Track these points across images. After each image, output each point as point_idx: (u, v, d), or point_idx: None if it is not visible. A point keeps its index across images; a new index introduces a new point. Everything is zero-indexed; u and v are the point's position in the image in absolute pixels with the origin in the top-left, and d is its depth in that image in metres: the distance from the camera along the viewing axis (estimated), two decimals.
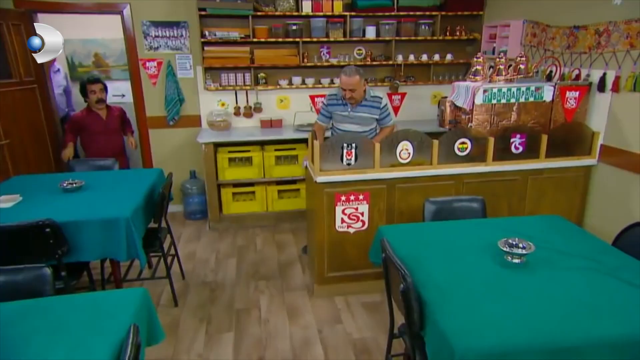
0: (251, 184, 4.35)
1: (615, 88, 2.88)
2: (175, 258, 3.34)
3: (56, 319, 1.47)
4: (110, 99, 5.41)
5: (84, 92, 3.94)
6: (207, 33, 4.28)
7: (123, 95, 5.78)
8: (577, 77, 3.14)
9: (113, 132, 4.09)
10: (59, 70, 4.91)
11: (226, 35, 4.29)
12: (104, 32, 5.74)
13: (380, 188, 2.91)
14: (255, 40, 4.30)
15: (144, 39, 4.41)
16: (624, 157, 2.87)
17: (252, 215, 4.39)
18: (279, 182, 4.41)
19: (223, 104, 4.63)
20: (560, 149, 3.00)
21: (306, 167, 3.17)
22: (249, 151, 4.27)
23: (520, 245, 1.86)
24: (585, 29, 3.11)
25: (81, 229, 2.44)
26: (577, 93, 3.02)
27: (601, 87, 2.97)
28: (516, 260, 1.85)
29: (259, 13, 4.24)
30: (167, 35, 4.46)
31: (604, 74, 2.95)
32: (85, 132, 3.99)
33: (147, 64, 4.48)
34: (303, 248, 3.81)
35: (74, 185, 2.88)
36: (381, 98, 3.32)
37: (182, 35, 4.46)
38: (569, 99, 3.03)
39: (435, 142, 2.87)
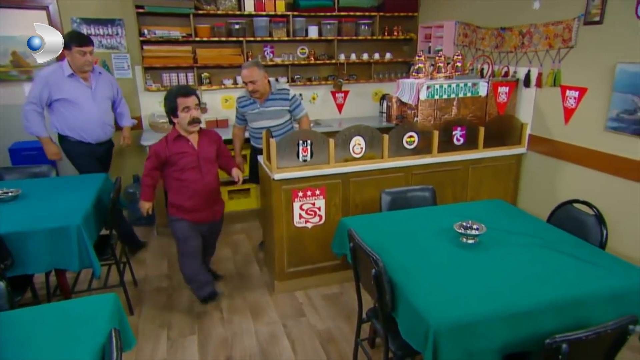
0: None
1: (539, 83, 3.22)
2: (127, 265, 3.20)
3: (26, 332, 1.39)
4: None
5: (172, 108, 2.67)
6: (146, 32, 4.13)
7: None
8: (506, 73, 3.46)
9: (208, 166, 2.85)
10: (100, 74, 3.42)
11: (167, 34, 4.17)
12: (23, 28, 5.28)
13: (336, 182, 3.00)
14: (197, 39, 4.22)
15: None
16: (548, 145, 3.21)
17: None
18: (228, 183, 4.35)
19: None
20: (495, 139, 3.28)
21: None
22: None
23: (474, 227, 2.04)
24: (510, 31, 3.43)
25: (26, 240, 2.29)
26: (507, 88, 3.33)
27: (527, 82, 3.30)
28: (470, 241, 2.03)
29: (200, 12, 4.17)
30: (101, 33, 4.24)
31: (529, 71, 3.28)
32: (171, 168, 2.75)
33: None
34: (260, 244, 3.82)
35: (10, 194, 2.68)
36: (288, 90, 3.38)
37: (117, 34, 4.26)
38: (500, 94, 3.33)
39: (386, 136, 3.02)
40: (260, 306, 2.98)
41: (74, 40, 3.13)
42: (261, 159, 3.21)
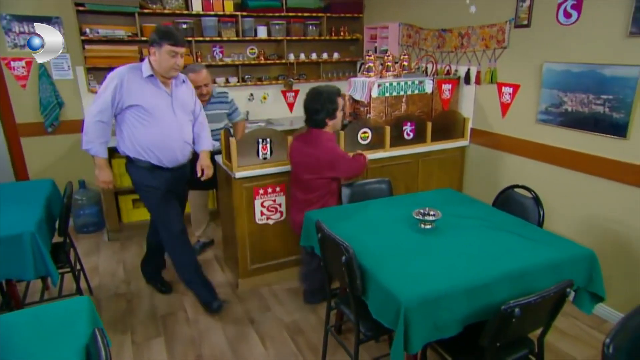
0: None
1: (478, 81, 3.50)
2: (81, 273, 3.08)
3: (1, 339, 1.35)
4: None
5: (334, 109, 2.60)
6: (87, 30, 3.96)
7: None
8: (448, 72, 3.72)
9: None
10: (183, 82, 2.74)
11: (111, 33, 4.02)
12: None
13: None
14: (144, 39, 4.11)
15: (5, 35, 3.90)
16: (488, 137, 3.50)
17: None
18: None
19: None
20: (441, 133, 3.53)
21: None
22: None
23: (431, 213, 2.21)
24: (450, 32, 3.70)
25: None
26: (450, 86, 3.59)
27: (467, 80, 3.58)
28: (428, 226, 2.20)
29: (145, 10, 4.07)
30: (36, 32, 4.00)
31: (468, 69, 3.56)
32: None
33: (12, 63, 3.97)
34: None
35: None
36: (227, 92, 3.43)
37: None
38: (444, 91, 3.58)
39: (341, 133, 3.14)
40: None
41: (168, 36, 2.47)
42: (219, 159, 3.21)
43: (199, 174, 2.82)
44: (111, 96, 2.47)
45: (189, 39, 4.27)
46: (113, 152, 3.84)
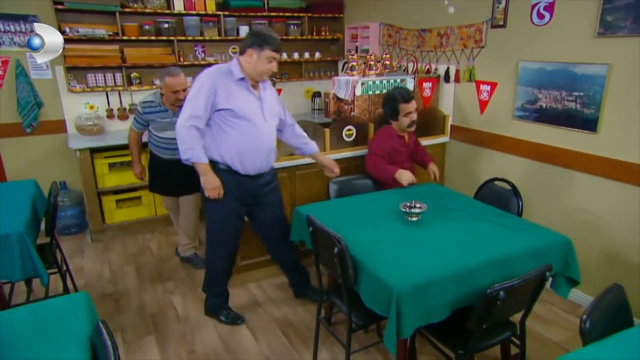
0: (135, 189, 4.14)
1: (457, 79, 3.62)
2: (67, 274, 3.05)
3: (2, 336, 1.36)
4: None
5: (393, 113, 2.90)
6: (67, 29, 3.92)
7: None
8: (428, 70, 3.84)
9: (411, 162, 3.11)
10: (270, 86, 2.68)
11: (91, 32, 3.98)
12: None
13: (283, 176, 3.12)
14: (125, 38, 4.09)
15: None
16: (467, 133, 3.63)
17: (140, 221, 4.18)
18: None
19: (92, 107, 4.27)
20: (422, 130, 3.62)
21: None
22: (128, 154, 4.04)
23: (417, 206, 2.30)
24: (430, 32, 3.81)
25: None
26: (430, 84, 3.70)
27: (447, 78, 3.70)
28: (414, 218, 2.28)
29: (126, 9, 4.05)
30: (12, 30, 3.93)
31: (448, 68, 3.68)
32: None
33: None
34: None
35: None
36: None
37: (32, 31, 3.97)
38: (425, 89, 3.69)
39: (327, 130, 3.21)
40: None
41: (270, 41, 2.37)
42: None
43: (327, 173, 2.81)
44: (205, 100, 2.30)
45: (171, 38, 4.27)
46: (94, 151, 3.88)
